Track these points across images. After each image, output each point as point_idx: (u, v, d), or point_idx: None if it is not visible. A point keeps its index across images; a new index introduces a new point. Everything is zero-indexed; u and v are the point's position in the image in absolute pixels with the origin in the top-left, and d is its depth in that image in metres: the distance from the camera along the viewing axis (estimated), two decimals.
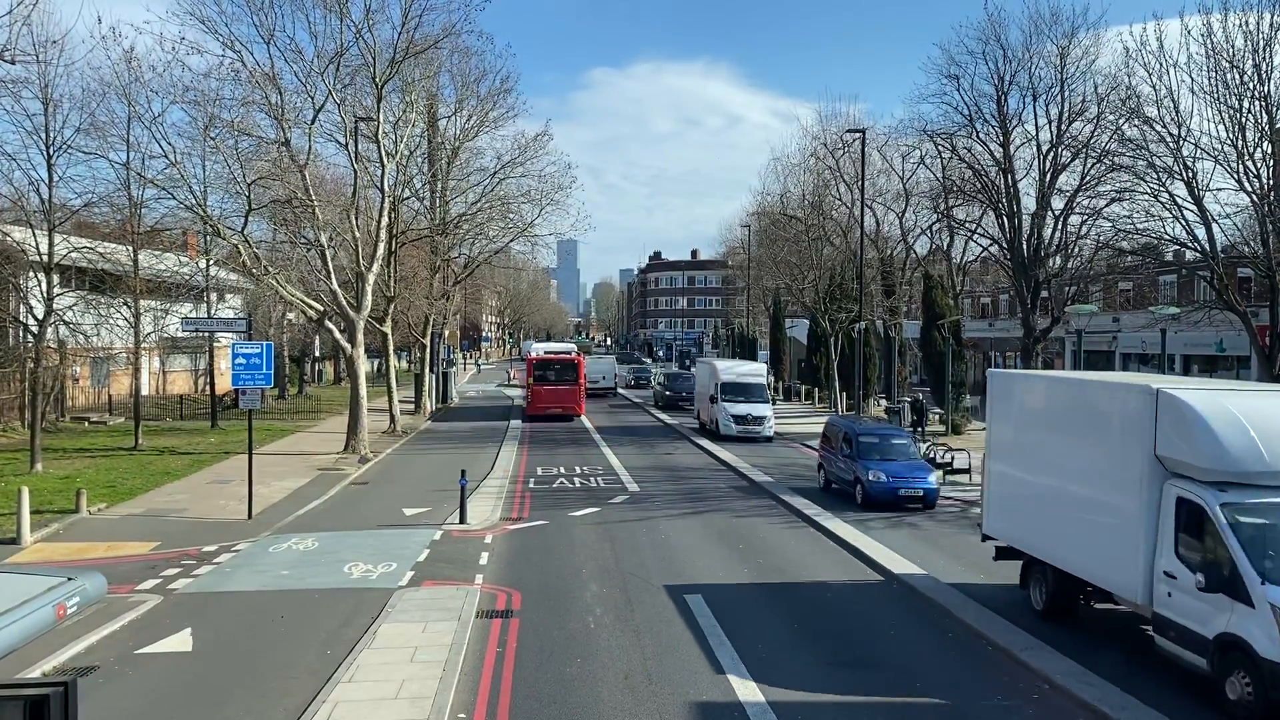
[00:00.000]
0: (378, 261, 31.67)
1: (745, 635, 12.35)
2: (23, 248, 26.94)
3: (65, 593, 11.97)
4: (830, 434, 24.37)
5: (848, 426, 23.55)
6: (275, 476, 24.97)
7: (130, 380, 38.09)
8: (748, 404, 35.20)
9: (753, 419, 34.63)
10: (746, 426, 34.45)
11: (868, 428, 23.68)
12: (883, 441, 22.55)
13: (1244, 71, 23.92)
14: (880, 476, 21.09)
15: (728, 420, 34.69)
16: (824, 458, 24.30)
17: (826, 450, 24.12)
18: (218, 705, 10.03)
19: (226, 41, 27.49)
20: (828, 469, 23.83)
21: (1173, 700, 10.27)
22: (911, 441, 22.59)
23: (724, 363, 40.72)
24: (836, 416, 25.26)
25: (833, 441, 23.77)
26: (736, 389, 35.94)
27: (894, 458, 22.01)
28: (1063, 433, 13.07)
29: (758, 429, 34.58)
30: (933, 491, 21.29)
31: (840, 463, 22.81)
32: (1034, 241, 39.74)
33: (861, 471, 21.46)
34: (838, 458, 23.01)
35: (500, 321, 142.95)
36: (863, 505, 21.20)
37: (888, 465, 21.54)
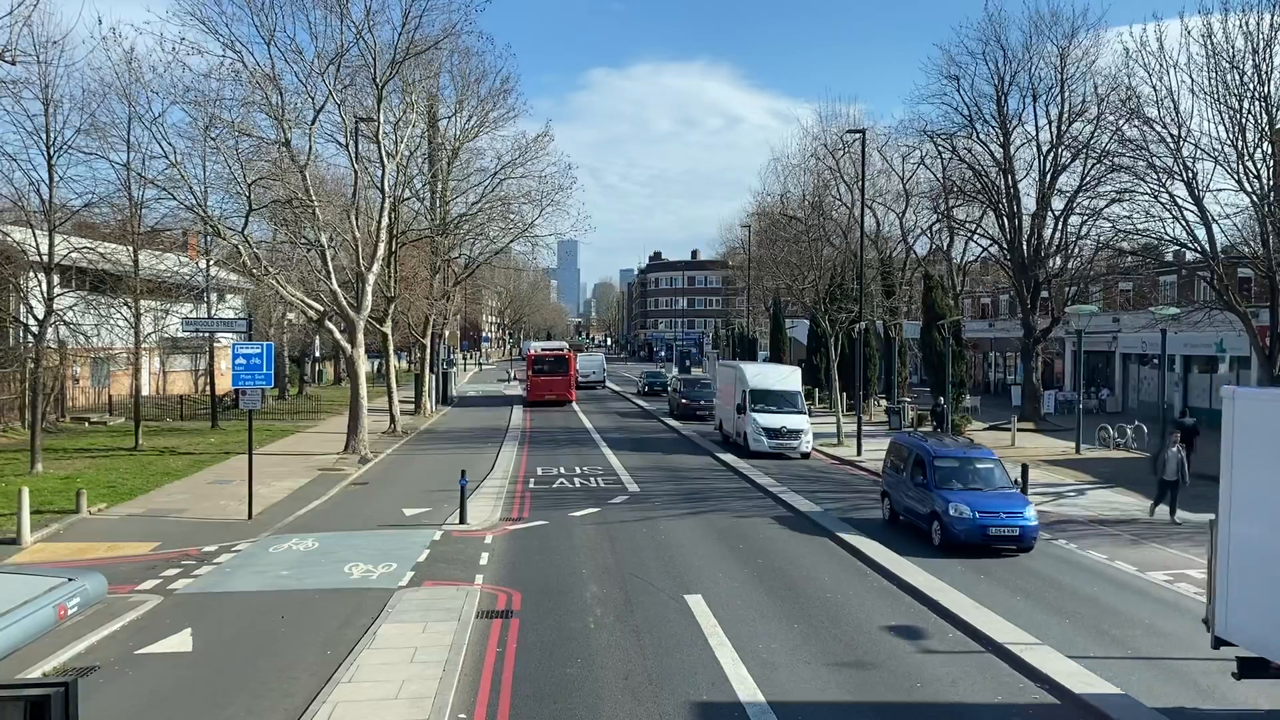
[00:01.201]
0: (378, 262, 31.68)
1: (745, 635, 12.35)
2: (23, 248, 26.95)
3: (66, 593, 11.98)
4: (896, 455, 20.28)
5: (918, 447, 19.13)
6: (275, 477, 24.98)
7: (130, 380, 38.09)
8: (781, 414, 30.78)
9: (787, 432, 30.27)
10: (780, 441, 30.13)
11: (944, 449, 18.91)
12: (964, 466, 18.32)
13: (1244, 72, 23.93)
14: (964, 511, 16.90)
15: (758, 433, 30.29)
16: (889, 484, 20.21)
17: (892, 475, 20.07)
18: (218, 706, 10.03)
19: (227, 42, 27.56)
20: (894, 498, 19.71)
21: None
22: (999, 465, 18.50)
23: (752, 367, 35.78)
24: (904, 434, 21.08)
25: (900, 465, 19.69)
26: (767, 397, 31.38)
27: (979, 486, 17.81)
28: None
29: (793, 444, 30.28)
30: (1031, 529, 16.91)
31: (911, 492, 18.68)
32: (1034, 242, 39.85)
33: (939, 504, 17.28)
34: (907, 485, 18.88)
35: (500, 322, 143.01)
36: (942, 547, 17.12)
37: (972, 496, 17.35)
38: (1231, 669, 9.67)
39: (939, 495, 17.48)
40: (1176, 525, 19.68)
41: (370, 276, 30.81)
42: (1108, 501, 22.48)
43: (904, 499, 19.09)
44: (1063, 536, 18.61)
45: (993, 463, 18.53)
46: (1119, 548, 17.64)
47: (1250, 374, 36.02)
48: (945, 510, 17.07)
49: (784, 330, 61.82)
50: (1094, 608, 13.83)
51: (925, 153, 44.35)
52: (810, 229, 47.83)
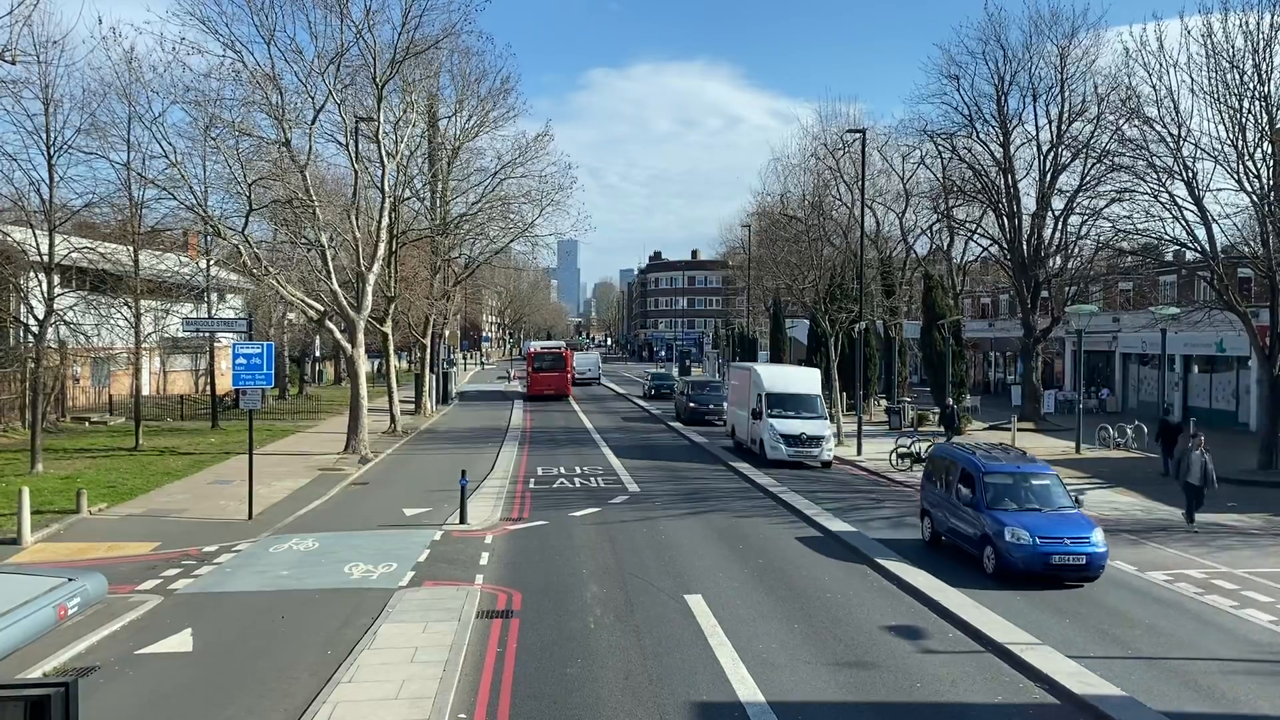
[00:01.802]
0: (378, 262, 31.68)
1: (745, 635, 12.35)
2: (23, 248, 26.96)
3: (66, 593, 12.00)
4: (937, 469, 18.13)
5: (965, 460, 16.95)
6: (276, 477, 24.99)
7: (131, 380, 38.11)
8: (800, 420, 28.78)
9: (807, 439, 28.19)
10: (800, 449, 28.20)
11: (995, 463, 16.60)
12: (1019, 482, 16.22)
13: (1244, 72, 23.95)
14: (1022, 536, 14.86)
15: (775, 441, 28.31)
16: (930, 501, 18.07)
17: (933, 491, 17.97)
18: (218, 706, 10.04)
19: (227, 42, 27.55)
20: (935, 517, 17.67)
21: None
22: (1057, 481, 16.51)
23: (767, 369, 33.26)
24: (946, 445, 19.10)
25: (942, 480, 17.66)
26: (785, 401, 29.29)
27: (1035, 505, 15.78)
28: None
29: (813, 451, 28.30)
30: (1099, 557, 14.84)
31: (957, 512, 16.67)
32: (1034, 241, 39.85)
33: (992, 527, 15.29)
34: (954, 504, 16.86)
35: (500, 321, 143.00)
36: (995, 575, 15.16)
37: (1031, 519, 15.26)
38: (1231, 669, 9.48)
39: (992, 517, 15.44)
40: (1193, 531, 19.22)
41: (370, 276, 30.81)
42: (1108, 501, 22.49)
43: (948, 519, 17.01)
44: None
45: (1050, 478, 16.45)
46: (1118, 547, 17.60)
47: (1250, 374, 36.05)
48: (1000, 534, 15.05)
49: (784, 330, 61.84)
50: (1094, 607, 13.82)
51: (925, 152, 44.41)
52: (810, 229, 47.83)
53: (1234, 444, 32.16)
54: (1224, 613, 13.63)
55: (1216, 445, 31.61)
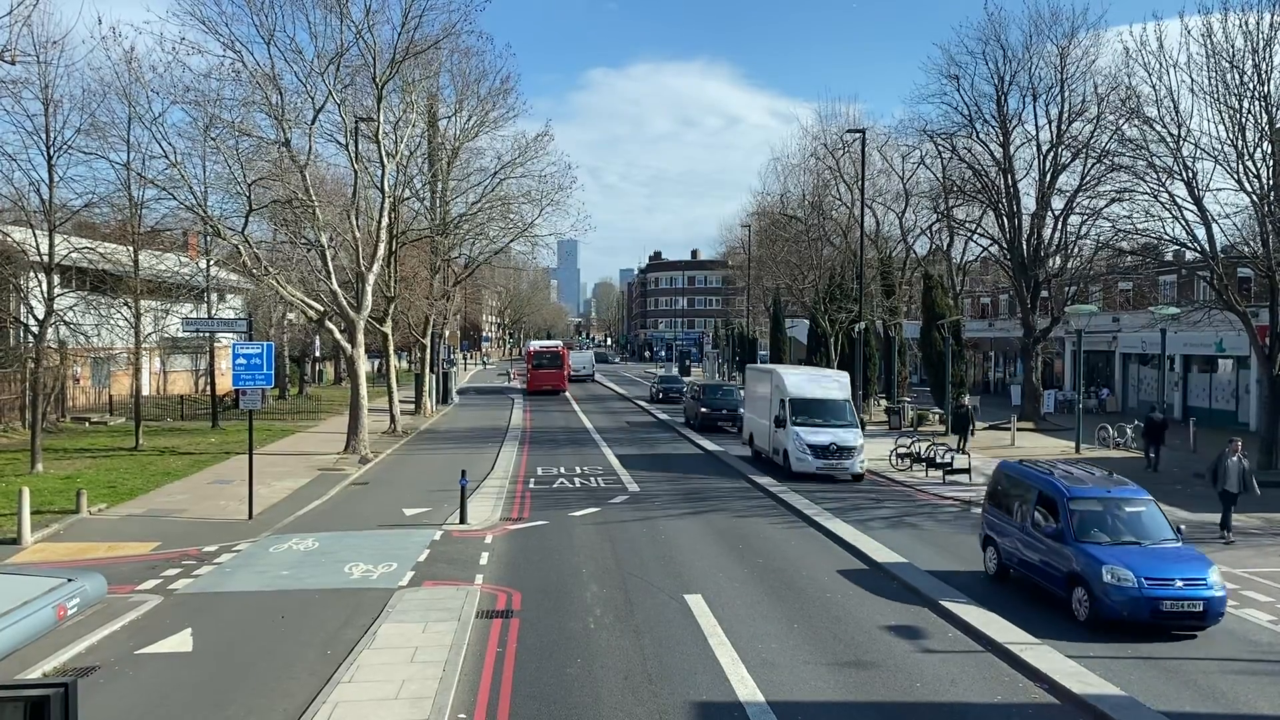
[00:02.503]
0: (378, 262, 31.69)
1: (745, 635, 12.35)
2: (23, 248, 26.97)
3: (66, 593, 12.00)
4: (1005, 490, 15.56)
5: (1044, 482, 14.43)
6: (275, 477, 24.99)
7: (131, 380, 38.11)
8: (829, 429, 25.96)
9: (837, 450, 25.37)
10: (828, 461, 25.36)
11: (1081, 486, 14.06)
12: (1110, 509, 13.75)
13: (1244, 72, 23.94)
14: (1125, 577, 12.38)
15: (801, 451, 25.58)
16: (995, 528, 15.45)
17: (1000, 516, 15.37)
18: (218, 706, 10.04)
19: (227, 42, 27.55)
20: (1003, 547, 15.07)
21: None
22: (1154, 507, 14.03)
23: (792, 371, 29.79)
24: (1014, 463, 16.17)
25: (1012, 503, 15.06)
26: (812, 408, 26.54)
27: (1132, 538, 13.38)
28: None
29: (844, 463, 25.44)
30: (1218, 602, 12.47)
31: (1035, 543, 14.04)
32: (1034, 241, 39.85)
33: (1085, 565, 12.78)
34: (1028, 534, 14.27)
35: (500, 322, 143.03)
36: (1090, 624, 12.63)
37: (1132, 555, 12.82)
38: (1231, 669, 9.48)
39: (1083, 552, 12.96)
40: (1229, 542, 17.91)
41: (370, 276, 30.82)
42: None
43: (1020, 550, 14.52)
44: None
45: (1146, 504, 13.95)
46: None
47: (1250, 374, 36.05)
48: (1096, 575, 12.54)
49: (784, 330, 61.87)
50: None
51: (925, 152, 44.40)
52: (810, 229, 47.96)
53: None
54: (1224, 613, 13.57)
55: (1216, 445, 31.70)
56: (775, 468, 26.93)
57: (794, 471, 25.59)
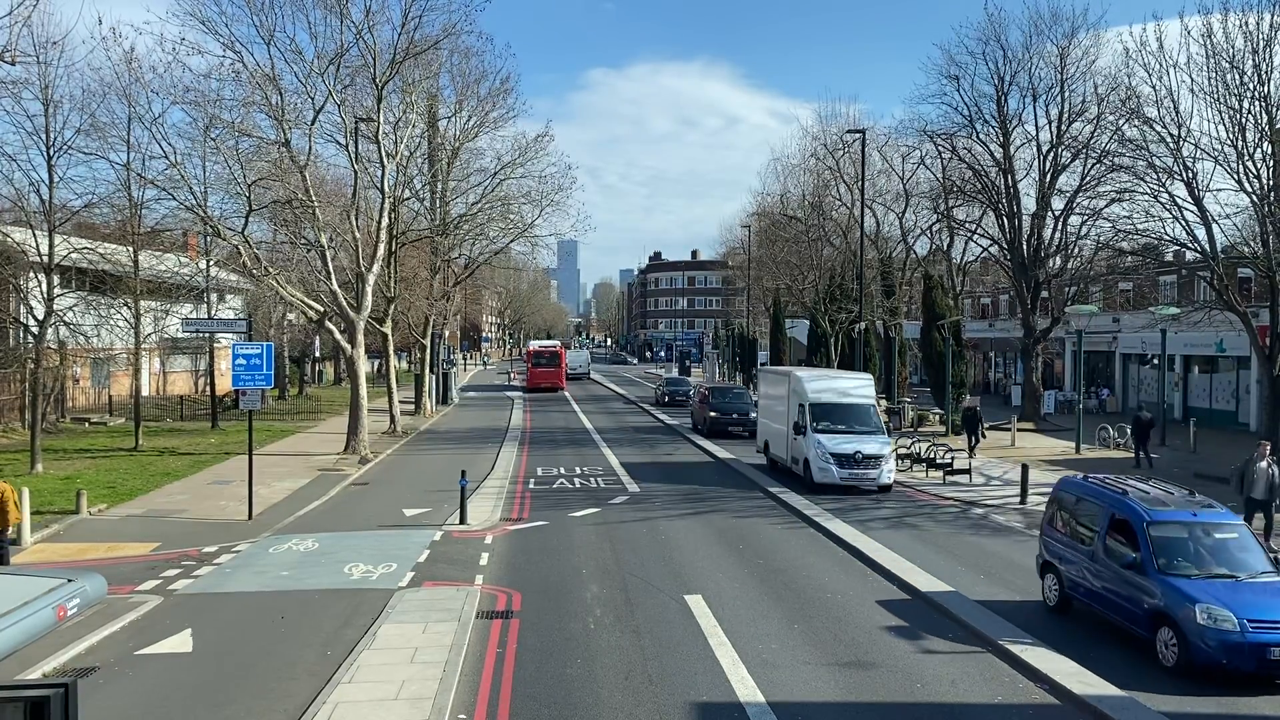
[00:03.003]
0: (378, 262, 31.69)
1: (745, 635, 12.34)
2: (23, 248, 26.98)
3: (66, 594, 12.03)
4: (1069, 510, 13.78)
5: (1116, 502, 12.70)
6: (275, 477, 24.99)
7: (130, 381, 38.12)
8: (853, 436, 24.21)
9: (863, 459, 23.55)
10: (854, 470, 23.48)
11: (1163, 509, 12.31)
12: (1196, 535, 12.02)
13: (1244, 72, 23.96)
14: (1223, 618, 10.66)
15: (824, 461, 23.67)
16: (1056, 552, 13.67)
17: (1063, 540, 13.61)
18: (218, 706, 10.03)
19: (227, 42, 27.57)
20: (1067, 575, 13.27)
21: None
22: (1247, 533, 12.44)
23: (812, 374, 27.30)
24: (1078, 479, 14.21)
25: (1077, 528, 13.38)
26: (834, 413, 24.81)
27: (1228, 570, 11.62)
28: None
29: (870, 474, 23.60)
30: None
31: (1106, 572, 12.34)
32: (1034, 242, 39.85)
33: (1173, 602, 11.09)
34: (1099, 562, 12.52)
35: (500, 322, 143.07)
36: (1180, 671, 10.91)
37: (1228, 591, 11.12)
38: None
39: (1169, 586, 11.26)
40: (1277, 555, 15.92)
41: (370, 277, 30.82)
42: None
43: (1088, 580, 12.73)
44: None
45: (1238, 529, 12.29)
46: None
47: (1250, 374, 36.06)
48: (1189, 615, 10.80)
49: (784, 330, 61.85)
50: None
51: (925, 153, 44.40)
52: (810, 229, 47.96)
53: (1234, 444, 32.18)
54: None
55: (1216, 445, 31.77)
56: (793, 478, 25.16)
57: (816, 483, 23.73)
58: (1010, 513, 21.27)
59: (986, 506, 21.99)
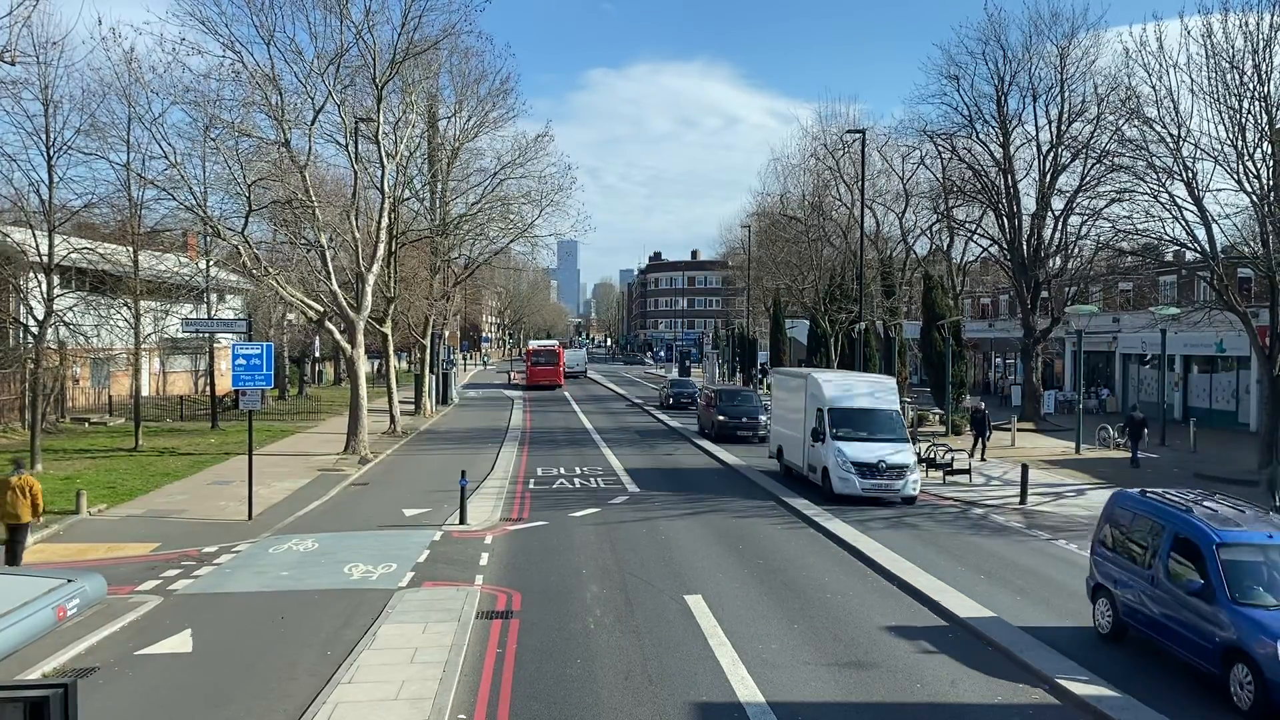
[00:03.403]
0: (378, 262, 31.69)
1: (745, 635, 12.34)
2: (23, 249, 26.97)
3: (65, 594, 12.02)
4: (1125, 530, 12.35)
5: (1181, 521, 11.28)
6: (275, 477, 24.98)
7: (130, 381, 38.10)
8: (875, 443, 22.69)
9: (886, 468, 22.05)
10: (876, 481, 22.07)
11: (1234, 529, 10.95)
12: (1274, 560, 10.68)
13: (1244, 72, 23.95)
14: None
15: (845, 470, 22.18)
16: (1109, 574, 12.32)
17: (1118, 561, 12.24)
18: (218, 706, 10.03)
19: (226, 42, 27.56)
20: (1123, 601, 11.91)
21: None
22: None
23: (830, 377, 25.45)
24: (1133, 494, 12.75)
25: (1134, 548, 11.97)
26: (855, 419, 23.28)
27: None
28: None
29: (894, 484, 22.11)
30: None
31: (1169, 602, 10.98)
32: (1034, 242, 39.87)
33: (1249, 637, 9.81)
34: (1159, 589, 11.21)
35: (500, 322, 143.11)
36: (1259, 716, 9.64)
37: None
38: None
39: (1244, 618, 9.95)
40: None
41: (370, 277, 30.82)
42: None
43: (1147, 607, 11.39)
44: (1063, 537, 18.61)
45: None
46: None
47: (1250, 374, 36.06)
48: (1271, 654, 9.48)
49: (784, 330, 61.88)
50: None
51: (925, 153, 44.42)
52: (810, 229, 47.95)
53: (1234, 444, 32.20)
54: None
55: (1217, 445, 31.78)
56: (810, 487, 23.75)
57: (835, 493, 22.26)
58: (1010, 513, 21.27)
59: (986, 506, 21.99)
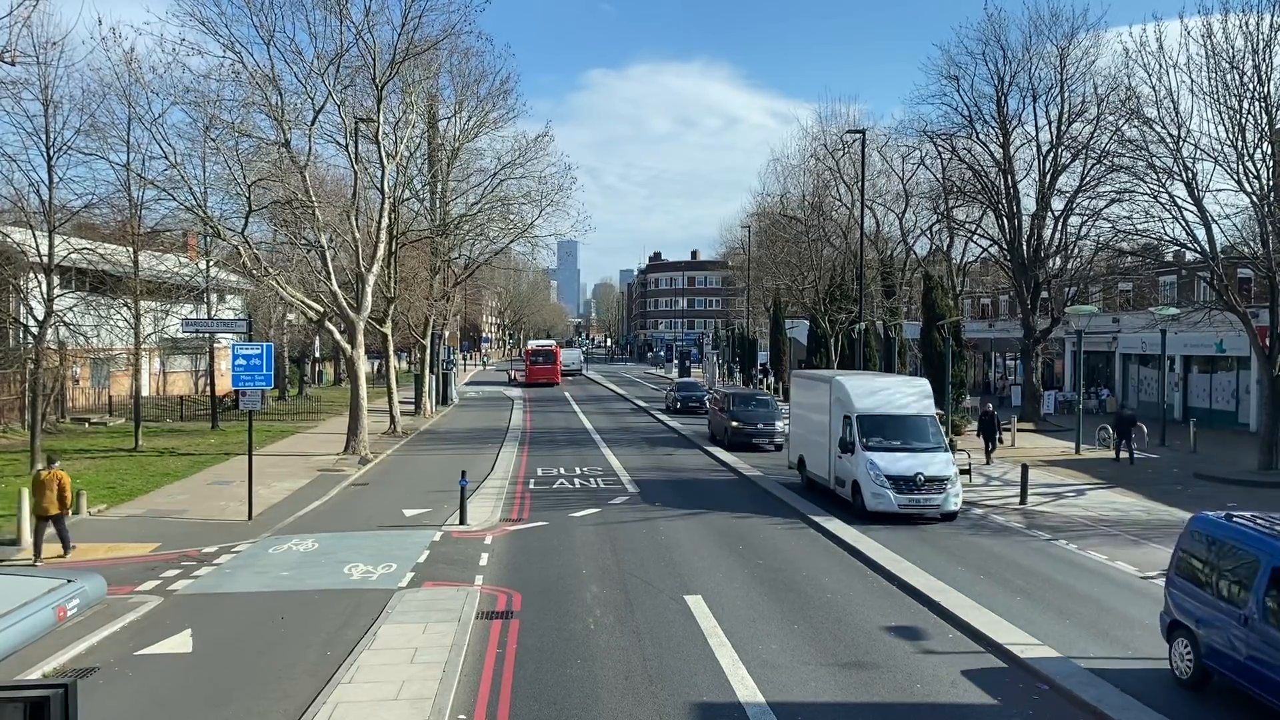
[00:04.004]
0: (378, 263, 31.69)
1: (745, 636, 12.34)
2: (23, 249, 26.98)
3: (66, 594, 12.03)
4: (1204, 560, 10.75)
5: (1269, 549, 9.77)
6: (275, 477, 24.98)
7: (130, 381, 38.11)
8: (910, 453, 20.46)
9: (925, 482, 19.81)
10: (915, 496, 19.79)
11: None
12: None
13: (1244, 72, 23.95)
14: None
15: (878, 484, 19.94)
16: (1189, 612, 10.71)
17: (1196, 597, 10.66)
18: (218, 706, 10.03)
19: (226, 43, 27.57)
20: (1207, 645, 10.29)
21: None
22: None
23: (857, 381, 22.92)
24: (1217, 518, 10.87)
25: (1220, 581, 10.37)
26: (888, 427, 21.17)
27: None
28: None
29: (934, 499, 19.86)
30: None
31: (1266, 647, 9.37)
32: (1034, 242, 39.87)
33: None
34: (1253, 631, 9.56)
35: (500, 322, 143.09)
36: None
37: None
38: None
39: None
40: None
41: (370, 277, 30.82)
42: (1109, 502, 22.48)
43: (1237, 651, 9.78)
44: (1063, 537, 18.60)
45: None
46: (1120, 548, 17.64)
47: (1250, 374, 36.06)
48: None
49: (784, 330, 61.87)
50: (1094, 608, 13.78)
51: (925, 153, 44.43)
52: (810, 229, 47.98)
53: (1234, 444, 32.19)
54: None
55: (1217, 445, 31.77)
56: (836, 501, 21.79)
57: (868, 510, 20.10)
58: (1010, 513, 21.25)
59: (986, 507, 21.98)
